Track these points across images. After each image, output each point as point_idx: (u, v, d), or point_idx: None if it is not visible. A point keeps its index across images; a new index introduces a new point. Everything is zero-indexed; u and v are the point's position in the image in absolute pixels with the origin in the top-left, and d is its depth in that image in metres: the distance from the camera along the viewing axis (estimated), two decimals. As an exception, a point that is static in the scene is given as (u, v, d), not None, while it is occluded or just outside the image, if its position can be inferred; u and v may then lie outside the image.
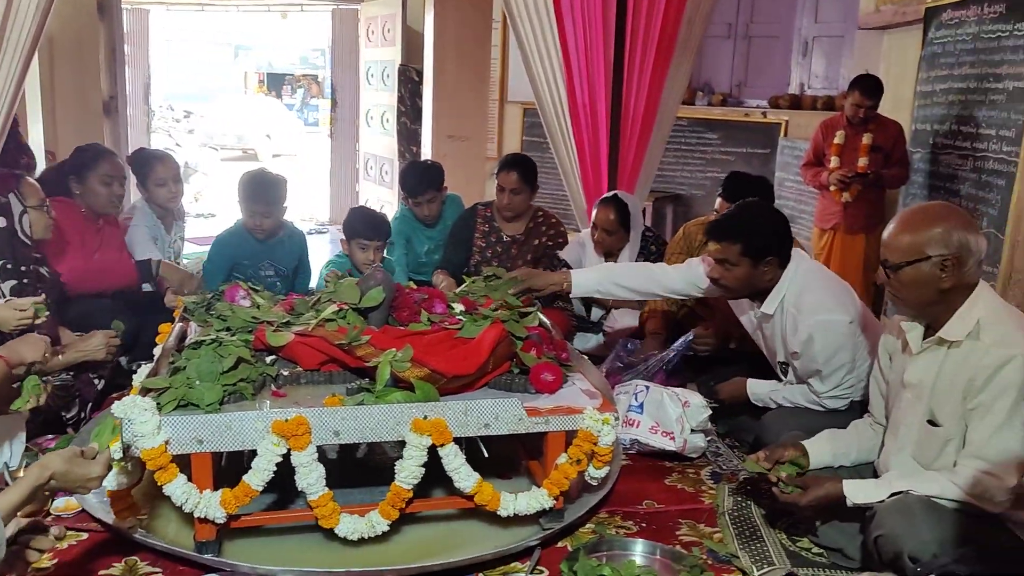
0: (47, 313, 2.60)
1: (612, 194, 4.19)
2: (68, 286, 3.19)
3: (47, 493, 1.83)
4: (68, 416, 2.78)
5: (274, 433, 2.04)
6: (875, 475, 2.37)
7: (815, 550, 2.43)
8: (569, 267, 4.07)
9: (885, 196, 5.06)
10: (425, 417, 2.15)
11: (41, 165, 4.64)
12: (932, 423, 2.18)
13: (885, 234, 2.20)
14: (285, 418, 2.05)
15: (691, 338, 3.31)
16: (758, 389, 2.97)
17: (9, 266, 2.81)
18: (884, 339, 2.41)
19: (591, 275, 3.24)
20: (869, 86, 4.79)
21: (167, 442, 2.01)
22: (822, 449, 2.44)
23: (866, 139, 4.86)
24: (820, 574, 2.31)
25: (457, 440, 2.22)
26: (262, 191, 3.65)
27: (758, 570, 2.29)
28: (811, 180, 5.11)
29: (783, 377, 2.93)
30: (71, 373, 2.81)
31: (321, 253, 7.52)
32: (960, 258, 2.08)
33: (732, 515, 2.62)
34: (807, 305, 2.71)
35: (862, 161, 4.84)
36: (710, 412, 3.00)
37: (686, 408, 2.92)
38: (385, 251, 3.90)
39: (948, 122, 4.72)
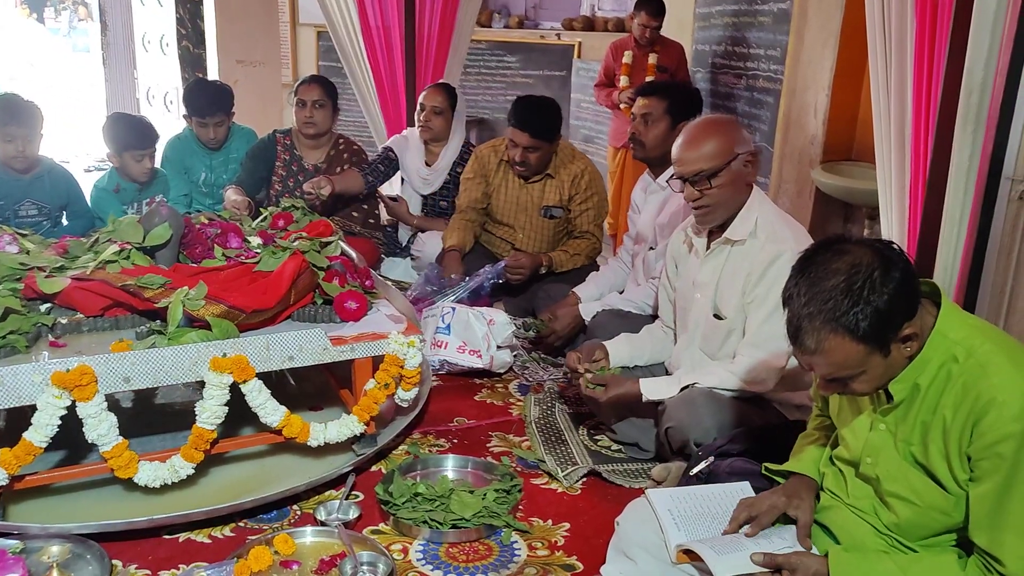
0: None
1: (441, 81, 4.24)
2: None
3: None
4: None
5: (55, 385, 1.90)
6: (667, 373, 2.57)
7: (614, 447, 2.62)
8: (393, 152, 4.06)
9: (671, 115, 5.34)
10: (224, 355, 2.09)
11: None
12: (717, 316, 2.38)
13: (683, 151, 2.26)
14: (66, 368, 1.92)
15: (502, 266, 3.39)
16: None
17: None
18: (670, 248, 2.59)
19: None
20: (654, 8, 4.97)
21: (-71, 405, 1.83)
22: (620, 350, 2.60)
23: (652, 59, 5.07)
24: (619, 468, 2.50)
25: (265, 377, 2.18)
26: (15, 112, 3.35)
27: (563, 471, 2.44)
28: (603, 100, 5.29)
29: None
30: None
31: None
32: (755, 153, 2.29)
33: (539, 423, 2.75)
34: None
35: (648, 80, 5.05)
36: (514, 328, 3.11)
37: (491, 326, 3.01)
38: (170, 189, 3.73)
39: (724, 43, 5.02)
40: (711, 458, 2.06)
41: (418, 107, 4.07)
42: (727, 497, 1.82)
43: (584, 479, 2.43)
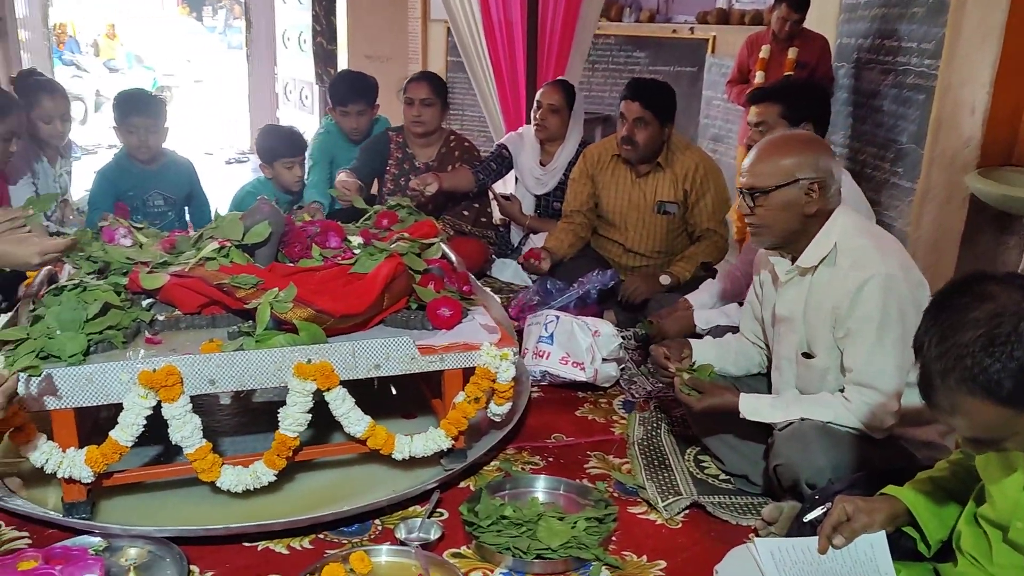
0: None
1: (559, 78, 4.11)
2: None
3: None
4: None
5: (141, 385, 1.89)
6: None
7: (722, 477, 2.41)
8: (507, 150, 3.96)
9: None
10: (309, 361, 2.02)
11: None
12: (807, 355, 2.17)
13: (749, 162, 2.16)
14: (153, 368, 1.90)
15: (610, 278, 3.23)
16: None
17: None
18: (757, 269, 2.40)
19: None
20: (796, 0, 4.67)
21: (21, 400, 1.84)
22: (706, 352, 2.42)
23: (791, 54, 4.76)
24: (726, 501, 2.28)
25: (364, 380, 2.12)
26: (142, 104, 3.53)
27: (663, 500, 2.25)
28: (736, 97, 5.01)
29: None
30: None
31: (242, 183, 7.23)
32: (824, 183, 2.08)
33: (642, 444, 2.57)
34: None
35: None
36: (621, 341, 2.94)
37: (596, 337, 2.84)
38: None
39: (871, 36, 4.64)
40: (828, 504, 1.84)
41: (534, 104, 3.95)
42: (850, 555, 1.60)
43: (686, 511, 2.24)
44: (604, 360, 2.86)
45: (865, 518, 1.60)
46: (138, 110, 3.51)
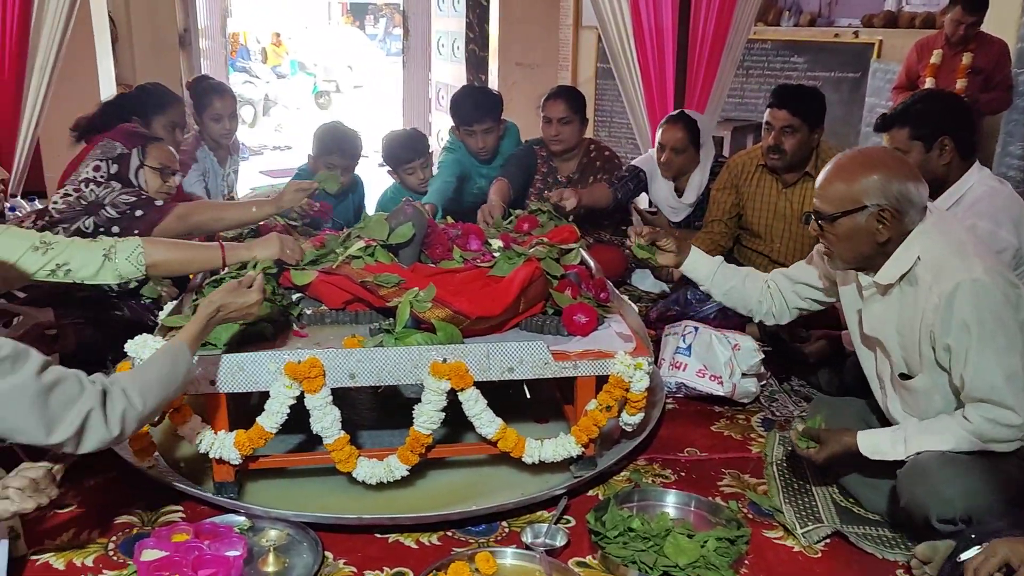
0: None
1: (678, 112, 3.98)
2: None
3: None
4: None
5: (286, 375, 1.99)
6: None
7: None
8: (644, 173, 3.89)
9: (983, 123, 4.63)
10: (444, 360, 2.06)
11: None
12: (904, 376, 2.04)
13: (818, 182, 2.05)
14: (298, 359, 2.00)
15: None
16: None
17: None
18: (842, 290, 2.28)
19: None
20: (971, 2, 4.36)
21: (180, 382, 1.98)
22: (704, 265, 2.45)
23: (965, 59, 4.46)
24: (872, 532, 2.15)
25: (501, 383, 2.15)
26: (341, 143, 3.52)
27: (801, 527, 2.15)
28: (901, 105, 4.72)
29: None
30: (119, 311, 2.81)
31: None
32: (899, 210, 1.93)
33: (780, 466, 2.46)
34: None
35: (960, 83, 4.44)
36: (763, 356, 2.82)
37: (736, 351, 2.74)
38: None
39: (1059, 38, 4.26)
40: (985, 544, 1.70)
41: (656, 145, 3.82)
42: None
43: (827, 539, 2.12)
44: (744, 375, 2.75)
45: None
46: (341, 150, 3.50)
